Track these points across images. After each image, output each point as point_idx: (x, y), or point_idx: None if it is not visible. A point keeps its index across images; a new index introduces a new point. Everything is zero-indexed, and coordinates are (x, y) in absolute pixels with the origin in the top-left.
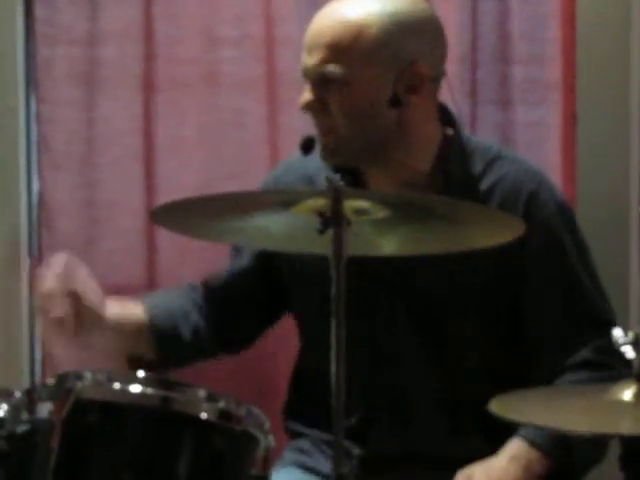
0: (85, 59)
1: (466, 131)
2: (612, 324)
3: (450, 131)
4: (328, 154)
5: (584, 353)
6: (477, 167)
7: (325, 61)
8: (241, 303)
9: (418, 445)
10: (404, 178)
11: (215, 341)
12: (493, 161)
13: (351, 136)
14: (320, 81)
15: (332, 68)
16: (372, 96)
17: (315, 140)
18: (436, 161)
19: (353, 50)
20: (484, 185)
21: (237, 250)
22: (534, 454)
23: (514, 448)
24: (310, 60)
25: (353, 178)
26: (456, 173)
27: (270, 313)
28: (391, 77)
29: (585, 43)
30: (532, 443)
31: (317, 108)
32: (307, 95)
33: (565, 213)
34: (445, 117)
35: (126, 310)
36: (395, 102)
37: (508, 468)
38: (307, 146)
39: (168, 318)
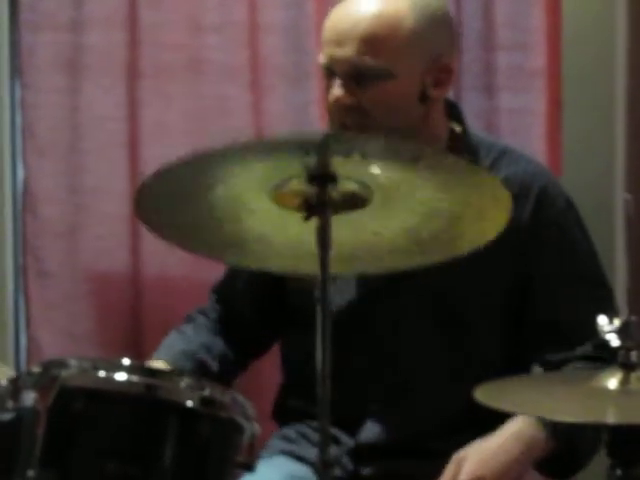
0: (69, 46)
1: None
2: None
3: (457, 127)
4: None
5: (587, 348)
6: (485, 163)
7: (360, 53)
8: (255, 319)
9: (417, 436)
10: None
11: (242, 358)
12: (500, 157)
13: (383, 133)
14: (354, 74)
15: (369, 61)
16: (405, 90)
17: None
18: None
19: (390, 42)
20: None
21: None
22: (540, 433)
23: (518, 424)
24: (341, 52)
25: None
26: None
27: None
28: (421, 71)
29: (570, 30)
30: (539, 421)
31: (348, 104)
32: (337, 91)
33: (573, 209)
34: (453, 113)
35: None
36: (424, 97)
37: (506, 446)
38: None
39: (192, 361)
